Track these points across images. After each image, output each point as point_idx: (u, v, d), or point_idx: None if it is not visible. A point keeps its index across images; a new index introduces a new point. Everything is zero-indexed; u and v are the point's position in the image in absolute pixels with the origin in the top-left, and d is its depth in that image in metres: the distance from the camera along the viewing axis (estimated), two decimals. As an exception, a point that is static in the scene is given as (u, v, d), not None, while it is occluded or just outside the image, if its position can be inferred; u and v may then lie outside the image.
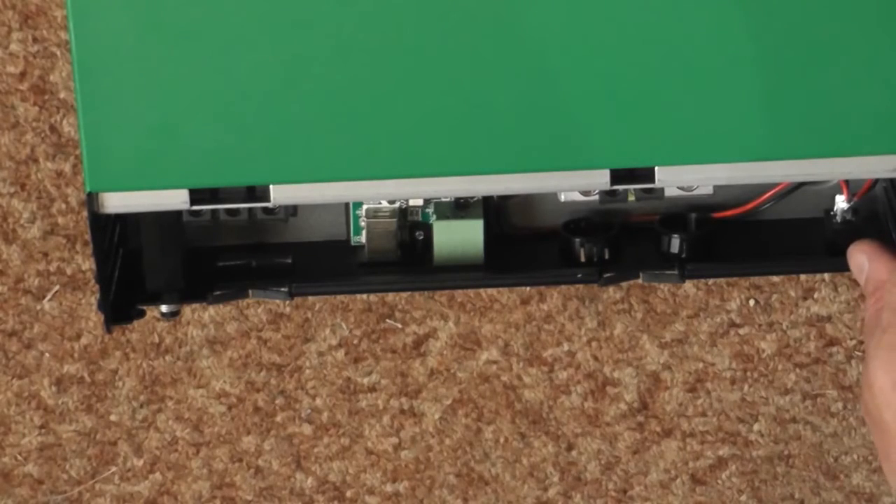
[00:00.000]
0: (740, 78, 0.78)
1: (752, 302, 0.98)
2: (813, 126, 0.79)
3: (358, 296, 0.97)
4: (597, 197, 0.87)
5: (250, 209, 0.87)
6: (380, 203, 0.87)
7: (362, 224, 0.88)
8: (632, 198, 0.88)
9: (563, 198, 0.87)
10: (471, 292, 0.97)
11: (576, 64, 0.78)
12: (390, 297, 0.98)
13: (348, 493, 1.02)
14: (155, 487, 1.02)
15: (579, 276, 0.86)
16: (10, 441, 1.00)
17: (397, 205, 0.87)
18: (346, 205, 0.89)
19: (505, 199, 0.89)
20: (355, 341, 0.99)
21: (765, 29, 0.78)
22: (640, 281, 0.88)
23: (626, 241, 0.88)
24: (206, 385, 0.99)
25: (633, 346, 0.99)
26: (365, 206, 0.87)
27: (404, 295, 0.97)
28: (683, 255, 0.87)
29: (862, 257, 0.79)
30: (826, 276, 0.98)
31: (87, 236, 0.92)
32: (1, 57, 0.91)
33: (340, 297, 0.97)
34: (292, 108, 0.78)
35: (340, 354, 0.99)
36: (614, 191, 0.86)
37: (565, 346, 0.99)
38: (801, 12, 0.78)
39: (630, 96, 0.78)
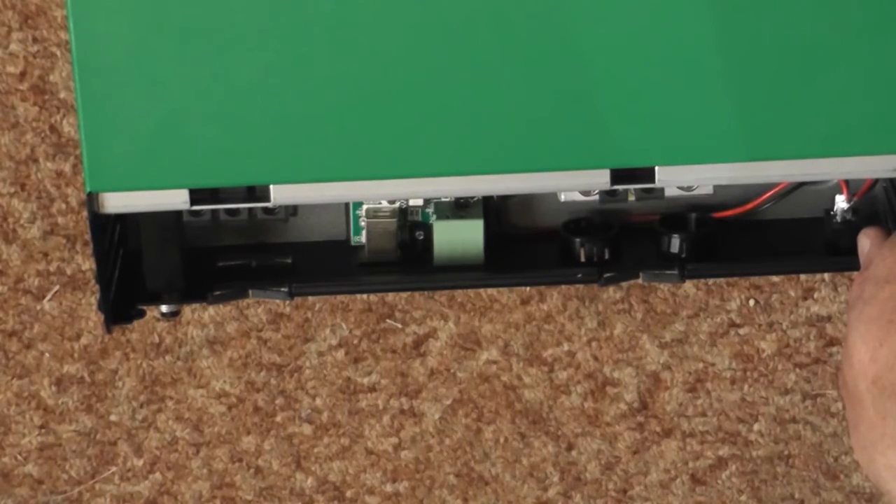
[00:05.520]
0: (740, 78, 0.78)
1: (752, 302, 0.98)
2: (813, 126, 0.79)
3: (358, 296, 0.97)
4: (597, 197, 0.87)
5: (250, 209, 0.87)
6: (380, 203, 0.87)
7: (362, 224, 0.88)
8: (632, 198, 0.88)
9: (563, 198, 0.87)
10: (471, 292, 0.97)
11: (575, 64, 0.78)
12: (390, 297, 0.98)
13: (348, 493, 1.02)
14: (155, 487, 1.02)
15: (579, 276, 0.86)
16: (10, 441, 1.00)
17: (397, 205, 0.87)
18: (346, 205, 0.89)
19: (505, 199, 0.89)
20: (355, 341, 0.99)
21: (765, 29, 0.78)
22: (640, 281, 0.88)
23: (626, 241, 0.88)
24: (206, 385, 0.99)
25: (633, 346, 0.99)
26: (365, 206, 0.87)
27: (404, 295, 0.97)
28: (683, 255, 0.87)
29: (867, 241, 0.80)
30: (826, 276, 0.98)
31: (87, 236, 0.92)
32: (1, 57, 0.91)
33: (340, 297, 0.97)
34: (292, 108, 0.78)
35: (340, 354, 0.99)
36: (614, 191, 0.86)
37: (565, 346, 0.99)
38: (800, 12, 0.78)
39: (630, 96, 0.78)
